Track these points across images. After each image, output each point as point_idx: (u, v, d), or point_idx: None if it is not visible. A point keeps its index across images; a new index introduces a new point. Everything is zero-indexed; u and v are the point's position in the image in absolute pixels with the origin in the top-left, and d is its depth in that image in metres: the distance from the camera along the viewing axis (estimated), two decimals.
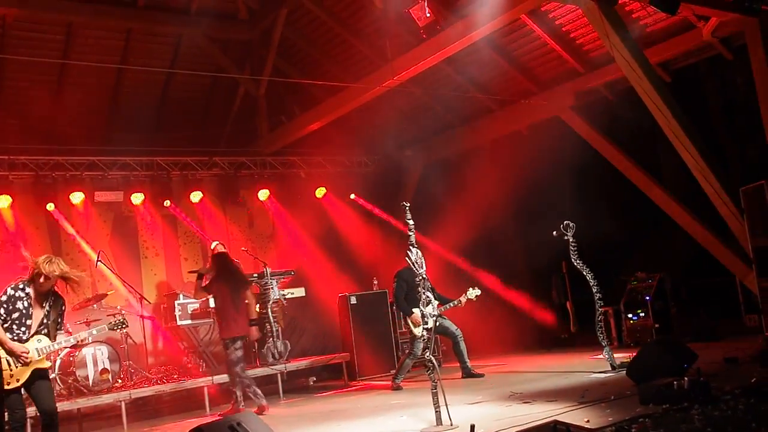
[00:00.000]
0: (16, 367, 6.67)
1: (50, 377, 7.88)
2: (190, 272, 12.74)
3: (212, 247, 10.49)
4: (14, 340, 6.68)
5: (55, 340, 6.97)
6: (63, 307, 7.15)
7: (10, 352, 6.62)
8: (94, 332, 7.08)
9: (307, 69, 14.82)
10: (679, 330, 11.44)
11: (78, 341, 7.12)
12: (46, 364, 6.99)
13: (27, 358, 6.66)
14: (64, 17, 12.73)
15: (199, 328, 12.56)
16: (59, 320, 7.07)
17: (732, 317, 11.45)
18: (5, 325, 6.70)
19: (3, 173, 12.06)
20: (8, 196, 12.03)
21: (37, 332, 6.83)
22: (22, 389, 6.78)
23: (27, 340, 6.77)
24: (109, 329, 7.00)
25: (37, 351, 6.76)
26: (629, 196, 11.92)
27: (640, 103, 9.97)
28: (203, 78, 14.68)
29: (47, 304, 6.91)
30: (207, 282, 9.94)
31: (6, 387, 6.60)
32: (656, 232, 12.28)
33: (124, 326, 7.07)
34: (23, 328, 6.75)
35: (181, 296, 12.31)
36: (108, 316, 11.44)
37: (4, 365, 6.60)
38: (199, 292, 10.15)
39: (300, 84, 14.27)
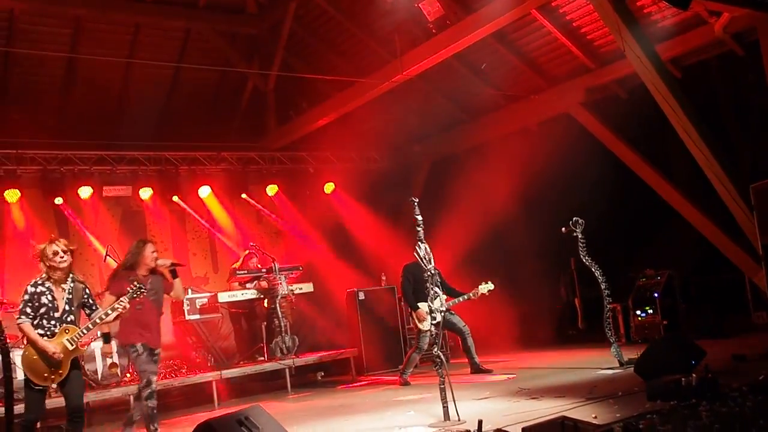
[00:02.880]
0: (50, 367, 6.63)
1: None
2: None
3: None
4: (46, 335, 6.66)
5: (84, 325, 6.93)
6: (87, 290, 7.02)
7: (43, 352, 6.59)
8: (117, 307, 6.94)
9: (316, 64, 14.79)
10: (687, 327, 11.41)
11: (102, 320, 6.99)
12: (79, 352, 6.94)
13: (59, 356, 6.62)
14: (72, 11, 12.74)
15: (208, 323, 12.55)
16: (90, 303, 7.02)
17: (740, 314, 11.43)
18: (35, 322, 6.68)
19: (11, 167, 12.10)
20: (17, 191, 12.07)
21: (62, 321, 6.79)
22: (55, 386, 6.76)
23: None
24: (129, 299, 6.91)
25: (69, 342, 6.70)
26: (639, 192, 11.88)
27: (650, 100, 9.92)
28: (211, 72, 14.70)
29: (67, 291, 6.88)
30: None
31: (44, 384, 6.61)
32: (665, 228, 12.24)
33: (142, 291, 6.99)
34: (53, 321, 6.73)
35: (189, 291, 12.29)
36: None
37: (40, 366, 6.58)
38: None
39: (309, 79, 14.25)
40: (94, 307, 7.00)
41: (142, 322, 7.82)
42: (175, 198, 13.49)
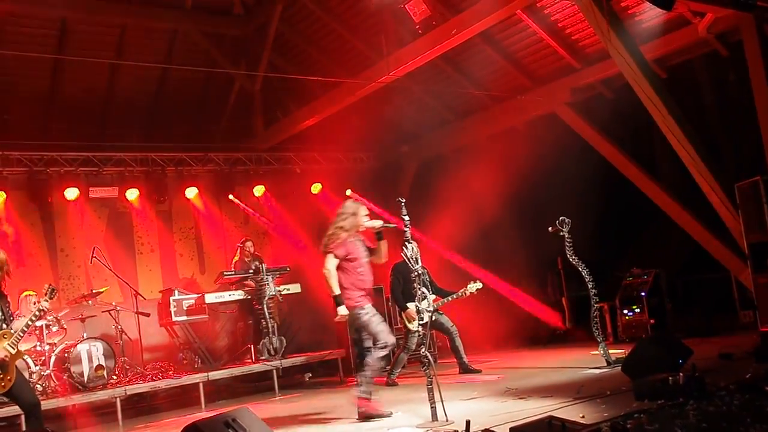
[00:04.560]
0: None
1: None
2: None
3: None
4: None
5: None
6: (7, 298, 7.30)
7: None
8: (38, 313, 7.14)
9: (303, 65, 14.79)
10: (674, 326, 11.47)
11: (30, 324, 7.17)
12: (21, 356, 7.11)
13: (5, 359, 6.73)
14: (58, 12, 12.68)
15: (195, 324, 12.50)
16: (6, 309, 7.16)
17: (727, 313, 11.49)
18: None
19: None
20: (2, 192, 12.04)
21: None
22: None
23: None
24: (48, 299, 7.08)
25: (9, 347, 6.84)
26: (625, 192, 11.93)
27: (636, 100, 9.97)
28: (198, 73, 14.67)
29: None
30: None
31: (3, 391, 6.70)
32: (652, 228, 12.31)
33: (54, 294, 7.18)
34: None
35: (176, 292, 12.25)
36: (103, 312, 11.53)
37: None
38: None
39: (295, 80, 14.25)
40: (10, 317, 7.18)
41: (365, 286, 7.97)
42: (162, 199, 13.43)
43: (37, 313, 7.09)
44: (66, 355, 10.53)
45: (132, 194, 13.19)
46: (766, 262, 9.13)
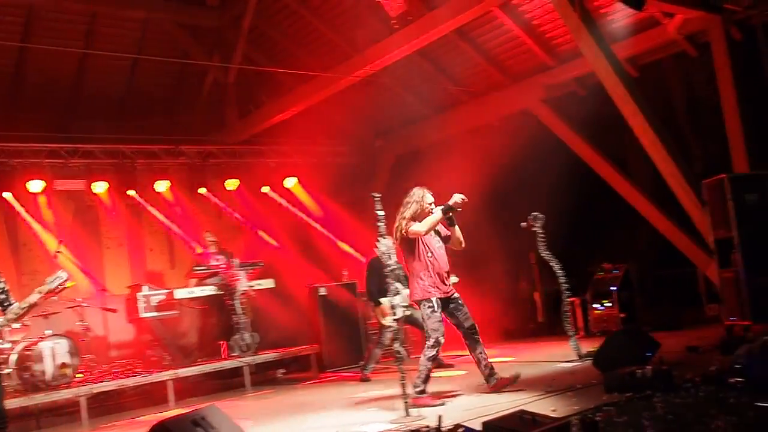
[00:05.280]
0: None
1: None
2: None
3: None
4: None
5: None
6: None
7: None
8: (31, 300, 6.75)
9: (278, 57, 14.71)
10: (643, 320, 11.60)
11: (17, 315, 6.87)
12: None
13: None
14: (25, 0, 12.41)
15: (164, 320, 12.31)
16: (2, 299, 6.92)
17: (694, 307, 11.67)
18: None
19: None
20: None
21: None
22: None
23: None
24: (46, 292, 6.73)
25: None
26: (596, 188, 12.04)
27: (608, 97, 10.09)
28: (170, 65, 14.42)
29: None
30: None
31: None
32: (622, 224, 12.43)
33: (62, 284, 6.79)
34: None
35: (145, 288, 12.05)
36: (67, 308, 11.18)
37: None
38: None
39: (270, 73, 14.15)
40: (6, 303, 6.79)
41: (437, 274, 7.79)
42: (131, 192, 13.26)
43: (24, 305, 6.70)
44: (28, 353, 10.00)
45: (100, 187, 12.90)
46: (730, 257, 9.28)
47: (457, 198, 7.80)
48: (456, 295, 7.98)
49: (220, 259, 12.27)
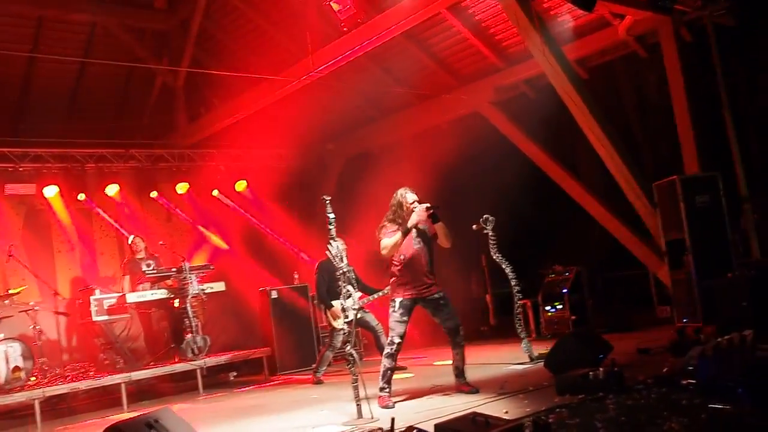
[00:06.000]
0: None
1: None
2: None
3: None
4: None
5: None
6: None
7: None
8: None
9: (227, 60, 14.59)
10: (594, 322, 11.68)
11: None
12: None
13: None
14: None
15: (116, 324, 12.22)
16: None
17: (645, 309, 11.79)
18: None
19: None
20: None
21: None
22: None
23: None
24: None
25: None
26: (547, 190, 12.13)
27: (558, 99, 10.14)
28: (119, 68, 14.26)
29: None
30: None
31: None
32: (573, 225, 12.54)
33: None
34: None
35: (97, 291, 11.95)
36: (20, 312, 11.13)
37: None
38: None
39: (219, 76, 14.00)
40: None
41: (410, 274, 7.84)
42: (82, 196, 13.08)
43: None
44: None
45: (50, 191, 12.81)
46: (682, 259, 9.37)
47: (420, 213, 7.90)
48: (437, 295, 8.05)
49: (150, 265, 12.11)
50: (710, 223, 9.31)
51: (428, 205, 7.89)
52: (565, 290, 11.89)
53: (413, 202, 7.94)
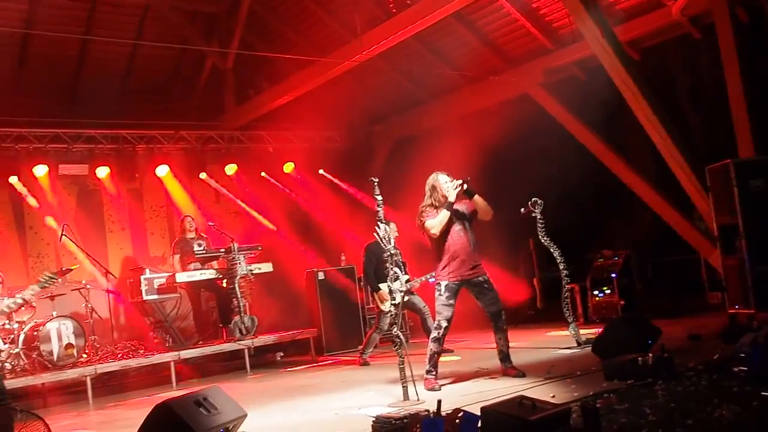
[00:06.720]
0: None
1: None
2: None
3: None
4: None
5: None
6: None
7: None
8: (25, 295, 6.81)
9: (276, 43, 14.63)
10: (643, 307, 11.55)
11: (10, 309, 6.97)
12: None
13: None
14: None
15: (166, 303, 12.43)
16: None
17: (696, 294, 11.61)
18: None
19: None
20: None
21: None
22: None
23: None
24: (40, 288, 6.73)
25: None
26: (596, 174, 11.97)
27: (609, 81, 9.98)
28: (170, 50, 14.42)
29: None
30: None
31: None
32: (623, 209, 12.38)
33: (53, 280, 6.72)
34: None
35: (147, 271, 12.19)
36: (72, 291, 11.42)
37: None
38: None
39: (268, 58, 14.09)
40: None
41: (454, 258, 7.80)
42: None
43: (18, 300, 6.84)
44: (35, 333, 10.40)
45: (102, 172, 13.07)
46: (734, 244, 9.20)
47: (452, 192, 7.81)
48: (482, 278, 7.95)
49: (201, 245, 12.27)
50: (764, 207, 9.09)
51: (460, 181, 7.80)
52: (614, 275, 11.77)
53: (446, 182, 7.88)
